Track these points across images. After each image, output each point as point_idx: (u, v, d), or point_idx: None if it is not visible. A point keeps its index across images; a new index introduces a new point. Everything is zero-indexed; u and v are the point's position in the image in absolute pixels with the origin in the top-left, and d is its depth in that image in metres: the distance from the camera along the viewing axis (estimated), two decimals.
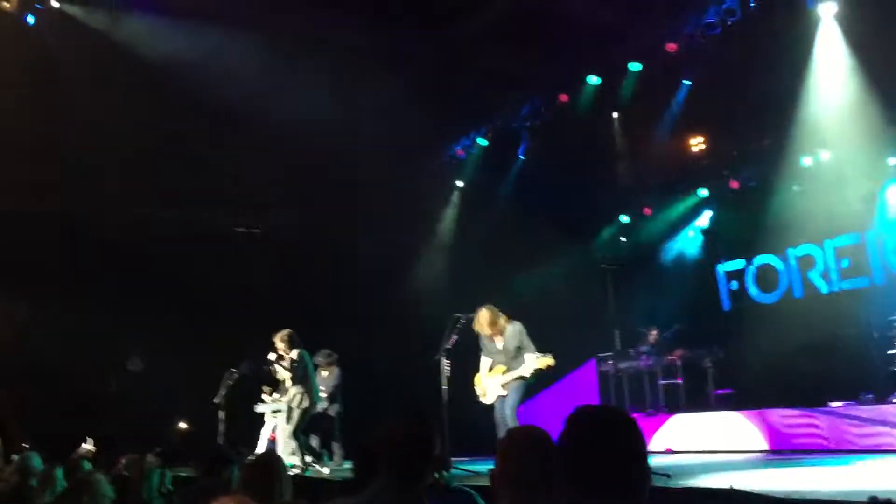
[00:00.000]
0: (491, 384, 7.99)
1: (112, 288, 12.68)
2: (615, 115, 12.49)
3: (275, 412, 10.16)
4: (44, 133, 11.22)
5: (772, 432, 9.02)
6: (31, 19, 10.51)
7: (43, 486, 5.39)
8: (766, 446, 8.95)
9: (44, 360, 12.06)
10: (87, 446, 8.83)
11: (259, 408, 10.41)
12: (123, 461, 6.13)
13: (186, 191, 13.26)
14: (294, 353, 9.53)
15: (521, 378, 7.80)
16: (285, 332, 9.67)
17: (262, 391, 10.44)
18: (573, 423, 2.01)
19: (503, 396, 7.87)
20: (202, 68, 10.44)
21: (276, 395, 10.08)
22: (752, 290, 12.12)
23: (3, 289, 12.25)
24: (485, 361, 8.16)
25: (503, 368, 7.90)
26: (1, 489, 5.85)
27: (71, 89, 10.65)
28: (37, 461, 6.05)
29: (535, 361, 7.64)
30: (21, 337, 12.26)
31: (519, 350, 7.83)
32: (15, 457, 6.61)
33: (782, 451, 8.68)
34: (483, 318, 7.96)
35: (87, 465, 6.19)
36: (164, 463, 5.84)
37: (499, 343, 7.96)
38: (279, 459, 3.97)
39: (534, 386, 10.94)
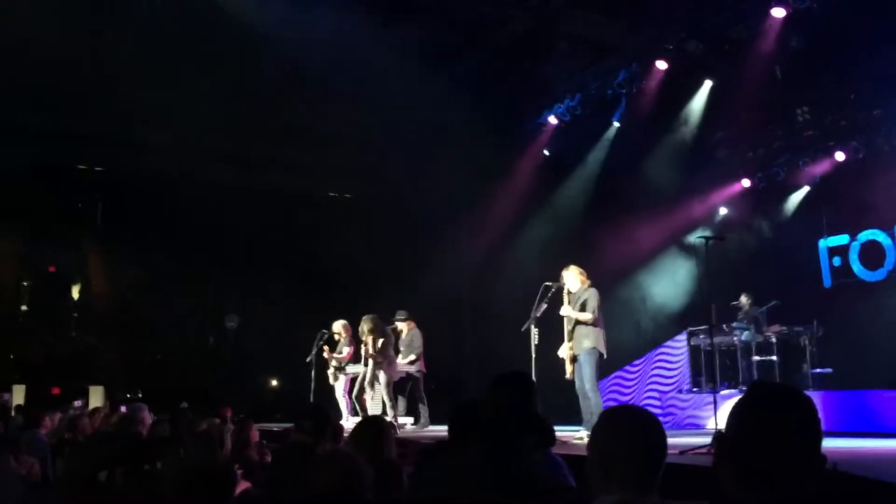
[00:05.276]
0: (564, 354, 8.01)
1: (215, 249, 13.15)
2: (708, 82, 12.05)
3: (339, 370, 10.48)
4: (153, 96, 11.63)
5: (872, 415, 8.67)
6: None
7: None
8: (865, 429, 8.59)
9: (150, 315, 12.67)
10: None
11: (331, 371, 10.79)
12: (205, 425, 6.18)
13: (286, 159, 13.64)
14: (379, 342, 9.77)
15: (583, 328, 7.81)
16: (370, 318, 9.92)
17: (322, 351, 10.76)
18: (752, 406, 1.76)
19: (578, 369, 7.83)
20: (300, 38, 10.55)
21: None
22: (856, 267, 11.61)
23: (117, 248, 12.87)
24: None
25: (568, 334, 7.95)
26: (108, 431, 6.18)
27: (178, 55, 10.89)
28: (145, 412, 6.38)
29: (594, 337, 7.75)
30: (131, 295, 12.91)
31: (583, 307, 7.80)
32: None
33: (886, 434, 8.32)
34: (574, 270, 8.03)
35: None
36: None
37: (573, 303, 7.92)
38: (386, 420, 4.06)
39: (621, 358, 10.87)
